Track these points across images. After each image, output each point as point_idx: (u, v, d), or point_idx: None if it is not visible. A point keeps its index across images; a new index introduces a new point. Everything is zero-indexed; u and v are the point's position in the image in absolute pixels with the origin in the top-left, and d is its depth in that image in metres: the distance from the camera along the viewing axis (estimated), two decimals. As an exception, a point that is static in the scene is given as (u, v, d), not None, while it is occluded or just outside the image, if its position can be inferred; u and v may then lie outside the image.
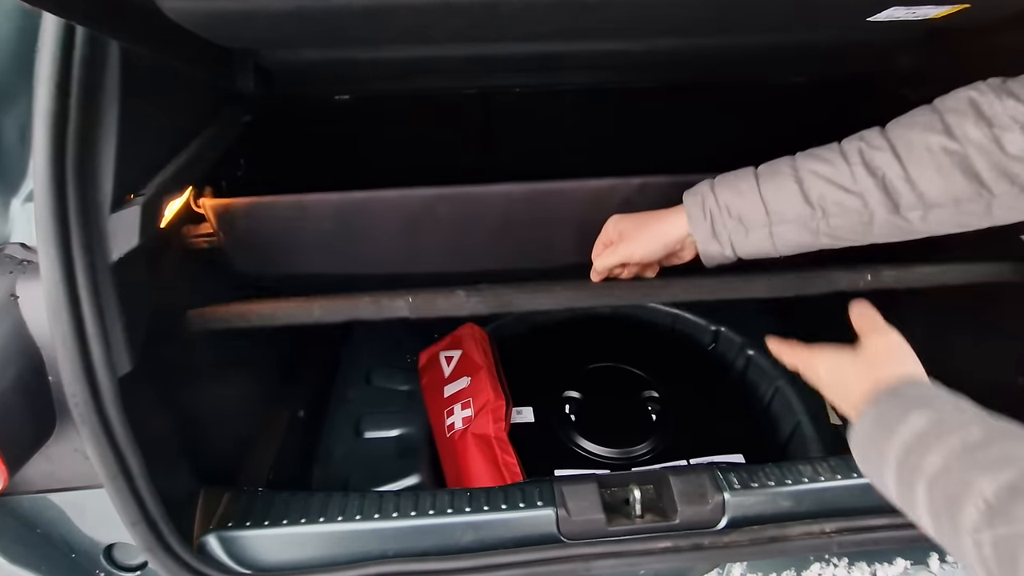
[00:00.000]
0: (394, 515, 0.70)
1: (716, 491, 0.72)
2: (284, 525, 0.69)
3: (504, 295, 0.71)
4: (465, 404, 1.13)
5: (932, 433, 0.46)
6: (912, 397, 0.52)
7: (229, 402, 0.87)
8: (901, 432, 0.48)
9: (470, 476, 1.02)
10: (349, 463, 1.14)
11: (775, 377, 1.34)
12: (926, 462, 0.45)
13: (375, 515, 0.70)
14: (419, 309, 0.71)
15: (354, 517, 0.70)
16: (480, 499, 0.72)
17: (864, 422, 0.54)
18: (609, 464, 1.13)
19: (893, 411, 0.51)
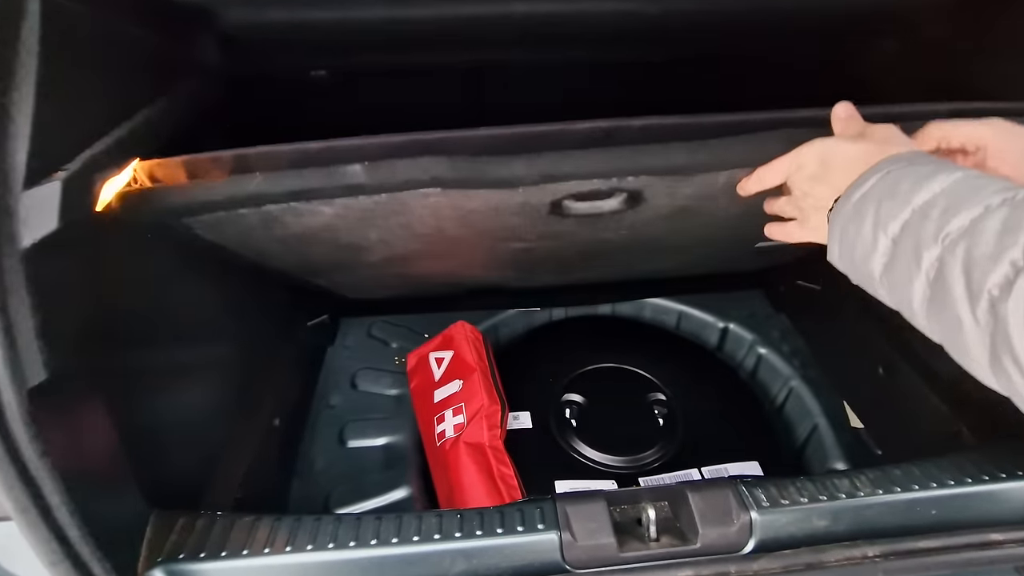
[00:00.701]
0: (373, 542, 0.61)
1: (742, 509, 0.64)
2: (244, 556, 0.60)
3: (477, 163, 0.60)
4: (457, 410, 1.04)
5: (961, 193, 0.43)
6: (935, 163, 0.47)
7: (191, 411, 0.77)
8: (925, 189, 0.45)
9: (463, 489, 0.93)
10: (331, 475, 1.05)
11: (788, 377, 1.25)
12: (951, 225, 0.41)
13: (351, 543, 0.61)
14: (377, 174, 0.60)
15: (327, 545, 0.61)
16: (472, 522, 0.63)
17: (868, 182, 0.49)
18: (614, 474, 1.04)
19: (912, 172, 0.47)
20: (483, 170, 0.59)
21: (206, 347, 0.83)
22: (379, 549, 0.61)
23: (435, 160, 0.58)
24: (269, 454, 0.91)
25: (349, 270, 0.96)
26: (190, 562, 0.59)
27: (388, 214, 0.68)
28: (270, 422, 0.93)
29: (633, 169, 0.61)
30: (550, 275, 1.24)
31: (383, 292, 1.28)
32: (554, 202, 0.70)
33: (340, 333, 1.38)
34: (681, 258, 1.12)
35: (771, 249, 1.11)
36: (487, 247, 0.89)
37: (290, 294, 1.07)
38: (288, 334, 1.05)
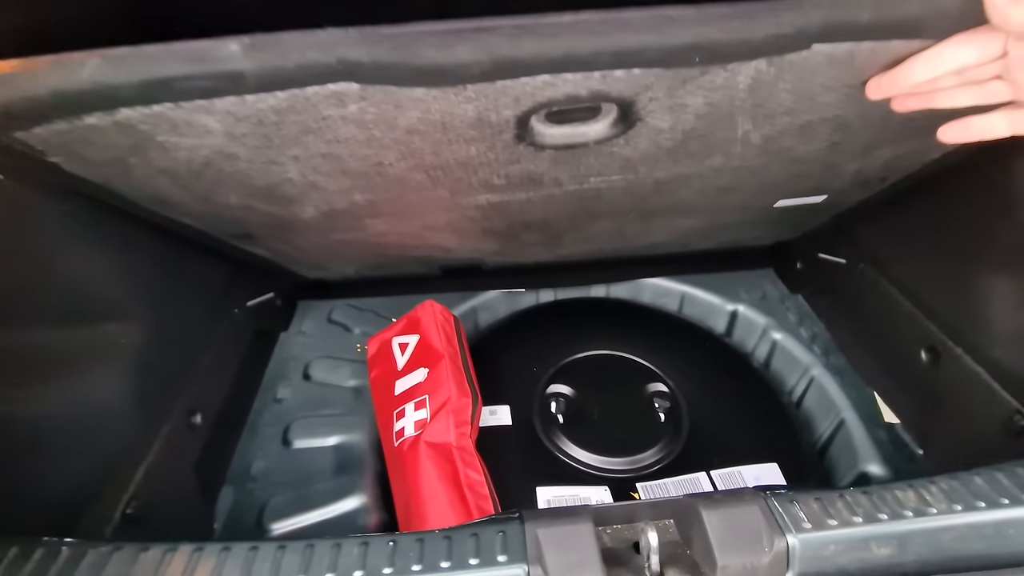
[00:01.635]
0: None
1: (775, 531, 0.47)
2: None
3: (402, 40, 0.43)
4: (420, 403, 0.87)
5: None
6: None
7: (66, 407, 0.61)
8: None
9: (421, 499, 0.77)
10: (270, 482, 0.88)
11: (808, 365, 1.09)
12: None
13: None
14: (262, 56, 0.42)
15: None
16: (409, 552, 0.46)
17: None
18: (607, 478, 0.87)
19: None
20: (411, 51, 0.42)
21: (93, 327, 0.66)
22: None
23: (341, 33, 0.41)
24: (180, 458, 0.74)
25: (286, 231, 0.79)
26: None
27: (300, 133, 0.51)
28: (187, 420, 0.76)
29: (618, 52, 0.44)
30: (535, 248, 1.07)
31: (343, 269, 1.11)
32: (520, 118, 0.53)
33: (296, 317, 1.21)
34: (685, 223, 0.95)
35: (793, 212, 0.95)
36: (448, 201, 0.72)
37: (225, 266, 0.90)
38: (219, 314, 0.88)
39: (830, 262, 1.08)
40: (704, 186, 0.77)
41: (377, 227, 0.82)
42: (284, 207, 0.70)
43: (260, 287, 1.01)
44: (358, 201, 0.70)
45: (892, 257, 0.94)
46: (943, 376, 0.83)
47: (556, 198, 0.76)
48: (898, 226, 0.92)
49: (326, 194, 0.66)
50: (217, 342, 0.86)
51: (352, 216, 0.75)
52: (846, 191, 0.85)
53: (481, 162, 0.62)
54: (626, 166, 0.67)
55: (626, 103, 0.52)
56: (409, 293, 1.23)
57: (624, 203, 0.81)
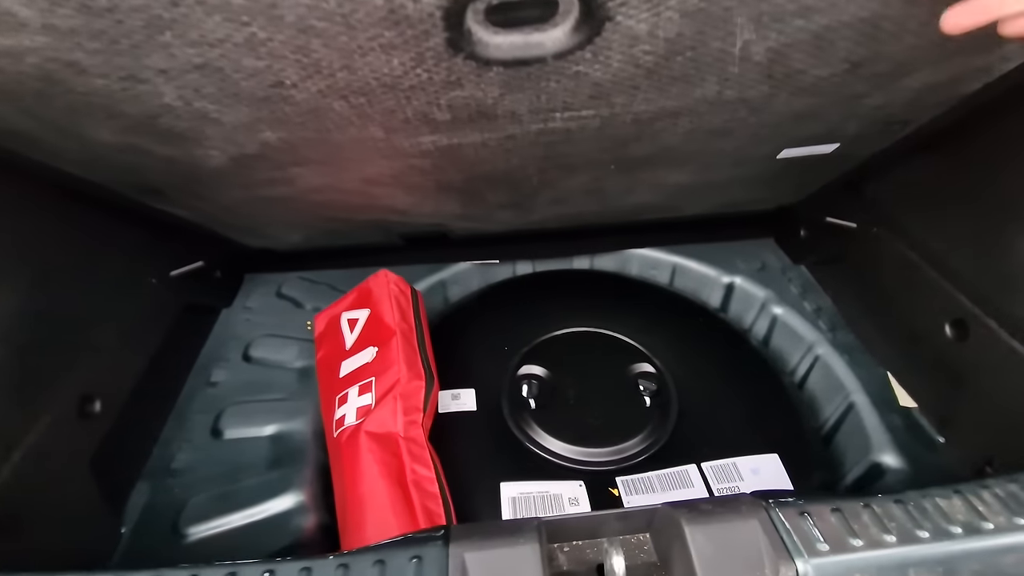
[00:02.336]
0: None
1: (780, 555, 0.35)
2: None
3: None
4: (365, 387, 0.75)
5: None
6: None
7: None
8: None
9: (360, 499, 0.65)
10: (194, 478, 0.76)
11: (813, 343, 0.97)
12: None
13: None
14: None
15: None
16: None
17: None
18: (583, 471, 0.76)
19: None
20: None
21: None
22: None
23: None
24: (69, 452, 0.62)
25: (197, 184, 0.67)
26: None
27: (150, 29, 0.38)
28: (79, 407, 0.64)
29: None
30: (505, 211, 0.94)
31: (288, 236, 0.98)
32: (449, 12, 0.40)
33: (242, 292, 1.08)
34: (674, 179, 0.83)
35: (798, 168, 0.82)
36: (385, 143, 0.59)
37: (138, 230, 0.77)
38: (127, 285, 0.75)
39: (839, 226, 0.96)
40: (695, 127, 0.64)
41: (308, 180, 0.69)
42: (180, 148, 0.56)
43: (186, 254, 0.88)
44: (271, 142, 0.57)
45: (912, 218, 0.82)
46: (971, 353, 0.72)
47: (517, 142, 0.63)
48: (920, 181, 0.80)
49: (226, 130, 0.53)
50: (124, 317, 0.73)
51: (271, 164, 0.62)
52: (862, 138, 0.72)
53: (412, 84, 0.49)
54: (598, 96, 0.54)
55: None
56: (369, 265, 1.10)
57: (601, 150, 0.69)
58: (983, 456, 0.68)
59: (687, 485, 0.74)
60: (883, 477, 0.77)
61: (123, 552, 0.67)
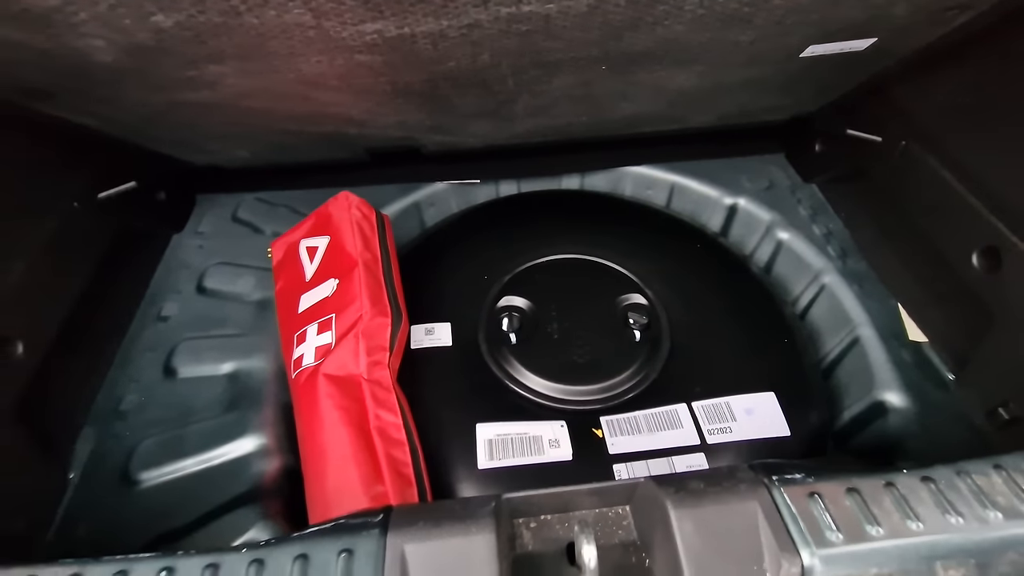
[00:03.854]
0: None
1: (785, 548, 0.29)
2: None
3: None
4: (324, 324, 0.68)
5: None
6: None
7: None
8: None
9: (319, 448, 0.59)
10: (144, 420, 0.71)
11: (820, 271, 0.89)
12: None
13: None
14: None
15: None
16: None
17: None
18: (564, 411, 0.71)
19: None
20: None
21: None
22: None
23: None
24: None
25: (93, 84, 0.55)
26: None
27: None
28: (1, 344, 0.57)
29: None
30: (480, 121, 0.82)
31: (232, 151, 0.86)
32: None
33: (194, 216, 0.98)
34: (678, 82, 0.70)
35: (822, 68, 0.69)
36: (317, 32, 0.47)
37: (41, 146, 0.65)
38: (37, 210, 0.65)
39: (861, 140, 0.84)
40: (705, 12, 0.51)
41: (233, 82, 0.57)
42: (49, 37, 0.44)
43: (115, 174, 0.77)
44: (167, 28, 0.45)
45: (950, 130, 0.71)
46: (1002, 286, 0.64)
47: (484, 32, 0.50)
48: (965, 87, 0.68)
49: (100, 11, 0.41)
50: (41, 247, 0.64)
51: (178, 59, 0.50)
52: (907, 29, 0.59)
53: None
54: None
55: None
56: (333, 185, 0.99)
57: (588, 43, 0.56)
58: (999, 398, 0.63)
59: (676, 426, 0.69)
60: (885, 416, 0.72)
61: (71, 501, 0.63)
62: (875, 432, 0.73)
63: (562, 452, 0.67)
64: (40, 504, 0.61)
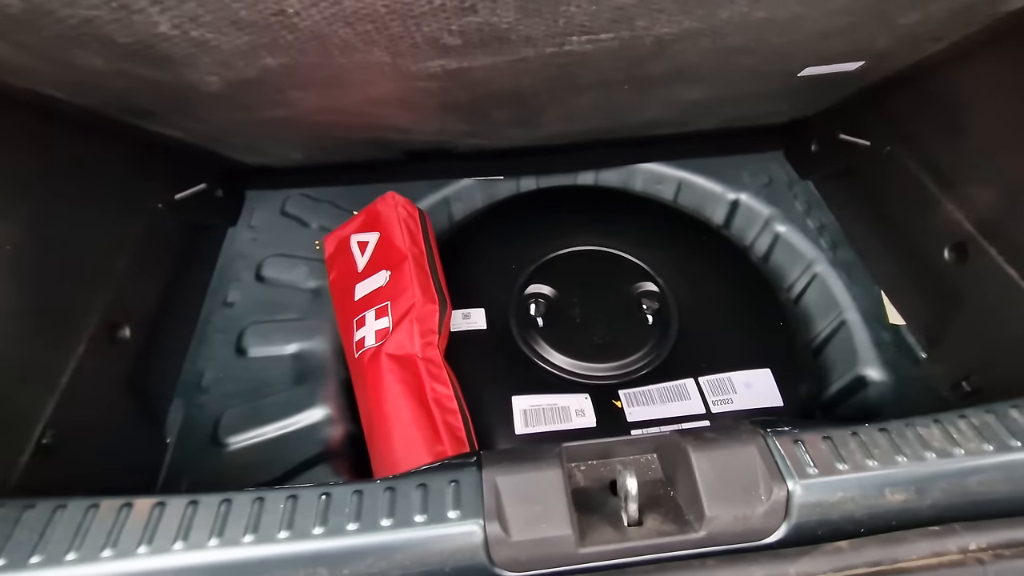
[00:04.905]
0: (176, 546, 0.37)
1: (775, 478, 0.40)
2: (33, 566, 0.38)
3: None
4: (381, 311, 0.78)
5: None
6: None
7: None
8: None
9: (385, 415, 0.70)
10: (223, 394, 0.81)
11: (813, 260, 1.00)
12: None
13: (139, 547, 0.37)
14: None
15: (100, 554, 0.37)
16: (343, 509, 0.39)
17: None
18: (588, 385, 0.82)
19: None
20: None
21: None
22: (185, 555, 0.37)
23: None
24: (107, 377, 0.66)
25: (191, 107, 0.64)
26: None
27: None
28: (110, 333, 0.67)
29: None
30: (511, 128, 0.91)
31: (287, 153, 0.96)
32: None
33: (245, 210, 1.07)
34: (689, 95, 0.79)
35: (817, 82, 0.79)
36: (391, 67, 0.56)
37: (132, 152, 0.74)
38: (134, 210, 0.74)
39: (852, 144, 0.94)
40: (717, 47, 0.60)
41: (309, 102, 0.66)
42: (173, 73, 0.54)
43: (188, 176, 0.86)
44: (271, 66, 0.54)
45: (929, 138, 0.80)
46: (968, 276, 0.74)
47: (529, 64, 0.60)
48: (941, 101, 0.77)
49: (223, 56, 0.51)
50: (137, 243, 0.74)
51: (270, 87, 0.60)
52: (891, 54, 0.69)
53: (423, 11, 0.46)
54: (619, 18, 0.51)
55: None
56: (371, 181, 1.09)
57: (615, 70, 0.65)
58: (963, 372, 0.74)
59: (685, 398, 0.80)
60: (865, 389, 0.83)
61: (170, 461, 0.74)
62: (857, 403, 0.85)
63: (587, 420, 0.78)
64: (148, 463, 0.72)
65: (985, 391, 0.71)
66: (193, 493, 0.40)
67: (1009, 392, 0.46)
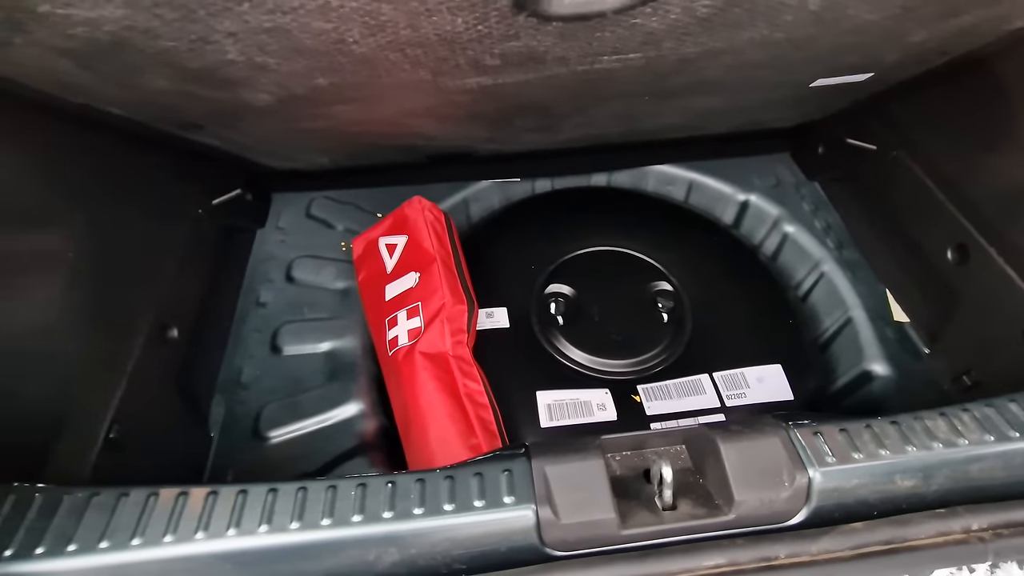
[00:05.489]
0: (262, 529, 0.41)
1: (797, 466, 0.44)
2: (101, 549, 0.41)
3: None
4: (412, 311, 0.82)
5: None
6: None
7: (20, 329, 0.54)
8: None
9: (420, 410, 0.75)
10: (261, 389, 0.86)
11: (819, 260, 1.04)
12: None
13: (229, 529, 0.42)
14: None
15: (194, 535, 0.41)
16: (409, 495, 0.43)
17: None
18: (608, 380, 0.86)
19: None
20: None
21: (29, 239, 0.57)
22: (268, 537, 0.41)
23: None
24: (160, 375, 0.70)
25: (237, 120, 0.68)
26: (20, 561, 0.40)
27: (230, 2, 0.39)
28: (160, 333, 0.71)
29: None
30: (532, 134, 0.95)
31: (316, 159, 0.99)
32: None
33: (272, 212, 1.11)
34: (704, 104, 0.83)
35: (827, 91, 0.82)
36: (430, 84, 0.60)
37: (171, 157, 0.78)
38: (178, 216, 0.78)
39: (858, 148, 0.98)
40: (736, 63, 0.64)
41: (349, 114, 0.70)
42: (230, 92, 0.57)
43: (222, 182, 0.90)
44: (321, 85, 0.58)
45: (933, 144, 0.84)
46: (969, 276, 0.78)
47: (559, 79, 0.63)
48: (946, 108, 0.81)
49: (280, 77, 0.54)
50: (181, 248, 0.77)
51: (316, 103, 0.63)
52: (898, 67, 0.72)
53: (470, 38, 0.49)
54: (649, 41, 0.55)
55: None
56: (393, 184, 1.12)
57: (639, 84, 0.69)
58: (963, 367, 0.78)
59: (700, 392, 0.84)
60: (871, 383, 0.88)
61: (216, 453, 0.78)
62: (862, 396, 0.89)
63: (608, 414, 0.82)
64: (195, 456, 0.76)
65: (985, 385, 0.76)
66: (272, 482, 0.44)
67: (1008, 386, 0.51)
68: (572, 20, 0.48)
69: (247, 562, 0.42)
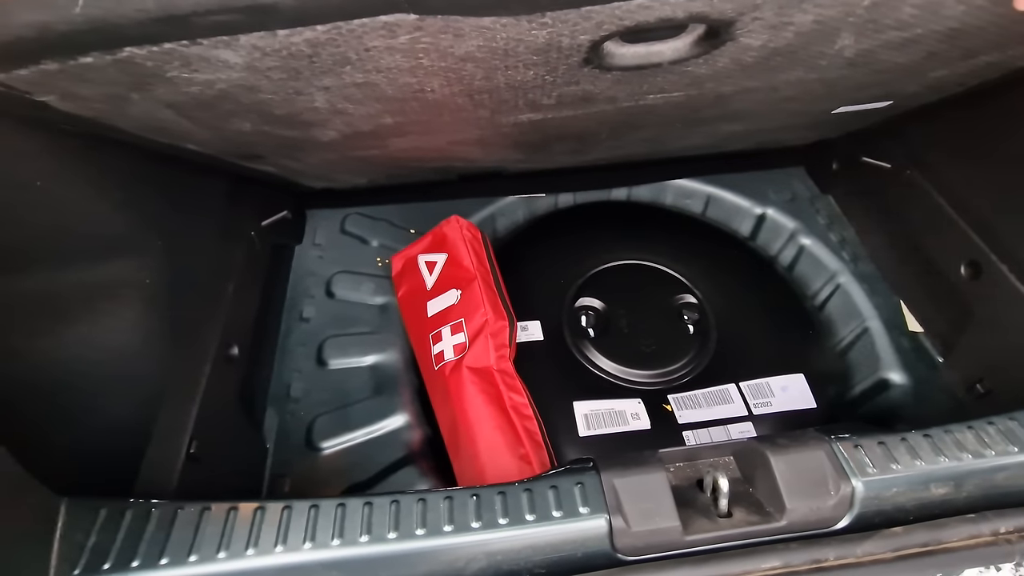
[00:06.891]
0: (362, 539, 0.46)
1: (841, 477, 0.49)
2: (191, 563, 0.45)
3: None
4: (456, 327, 0.87)
5: None
6: None
7: (101, 353, 0.58)
8: None
9: (469, 422, 0.79)
10: (311, 402, 0.90)
11: (836, 272, 1.09)
12: None
13: (334, 539, 0.46)
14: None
15: (299, 545, 0.45)
16: (493, 506, 0.48)
17: None
18: (639, 390, 0.90)
19: None
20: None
21: (111, 266, 0.61)
22: (369, 547, 0.46)
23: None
24: (225, 392, 0.74)
25: (298, 152, 0.72)
26: (117, 573, 0.44)
27: (335, 65, 0.43)
28: (224, 352, 0.75)
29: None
30: (563, 156, 1.00)
31: (355, 180, 1.04)
32: (595, 42, 0.45)
33: (308, 228, 1.15)
34: (730, 128, 0.88)
35: (847, 114, 0.87)
36: (487, 120, 0.65)
37: (228, 184, 0.82)
38: (235, 238, 0.82)
39: (873, 165, 1.03)
40: (768, 98, 0.69)
41: (401, 144, 0.74)
42: (303, 131, 0.62)
43: (272, 204, 0.94)
44: (386, 123, 0.62)
45: (947, 164, 0.89)
46: (981, 292, 0.83)
47: (605, 115, 0.68)
48: (960, 132, 0.86)
49: (352, 118, 0.59)
50: (239, 269, 0.82)
51: (376, 136, 0.68)
52: (917, 96, 0.77)
53: (535, 85, 0.54)
54: (693, 83, 0.59)
55: (723, 24, 0.44)
56: (424, 200, 1.17)
57: (675, 115, 0.74)
58: (976, 376, 0.83)
59: (728, 401, 0.89)
60: (888, 390, 0.93)
61: (272, 464, 0.82)
62: (879, 403, 0.94)
63: (642, 423, 0.87)
64: (255, 466, 0.80)
65: (997, 393, 0.81)
66: (393, 493, 0.48)
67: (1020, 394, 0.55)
68: (629, 71, 0.53)
69: (352, 569, 0.46)
